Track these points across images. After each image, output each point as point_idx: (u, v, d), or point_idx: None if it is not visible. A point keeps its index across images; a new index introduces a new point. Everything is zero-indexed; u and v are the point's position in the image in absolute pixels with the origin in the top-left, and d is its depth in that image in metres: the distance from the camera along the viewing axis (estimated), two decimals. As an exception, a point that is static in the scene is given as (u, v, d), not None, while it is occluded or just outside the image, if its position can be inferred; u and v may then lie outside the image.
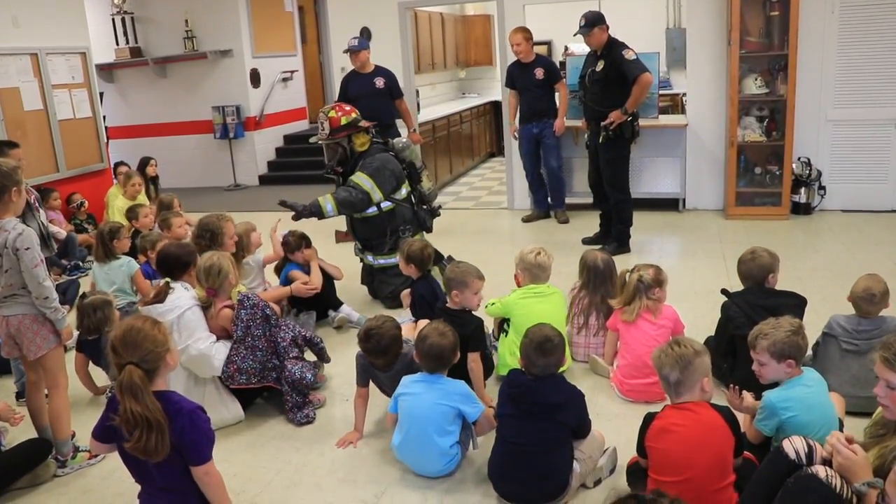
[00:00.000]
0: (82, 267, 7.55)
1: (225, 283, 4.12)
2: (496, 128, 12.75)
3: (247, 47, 11.87)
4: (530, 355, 3.17)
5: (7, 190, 3.45)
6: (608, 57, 6.41)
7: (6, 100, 7.88)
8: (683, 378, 2.85)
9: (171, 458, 2.67)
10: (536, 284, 4.41)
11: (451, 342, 3.50)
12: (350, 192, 5.54)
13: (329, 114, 5.65)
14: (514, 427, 3.16)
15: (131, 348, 2.64)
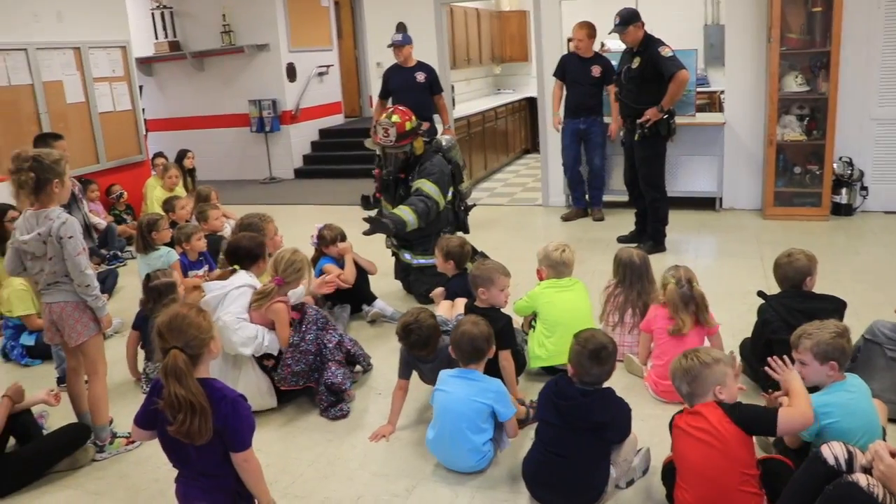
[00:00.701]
0: (121, 257, 7.67)
1: (295, 281, 4.20)
2: (531, 124, 12.69)
3: (283, 42, 11.95)
4: (584, 363, 3.10)
5: (49, 182, 3.52)
6: (644, 54, 6.35)
7: (50, 93, 8.01)
8: (693, 389, 2.88)
9: (212, 443, 2.72)
10: (558, 279, 4.42)
11: (484, 332, 3.50)
12: (426, 203, 5.52)
13: (393, 119, 5.55)
14: (554, 437, 3.12)
15: (176, 333, 2.69)
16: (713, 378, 2.86)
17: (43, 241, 3.53)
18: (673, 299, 3.98)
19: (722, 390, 2.85)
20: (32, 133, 7.07)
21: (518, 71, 13.99)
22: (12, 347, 5.28)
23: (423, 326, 3.73)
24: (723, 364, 2.90)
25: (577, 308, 4.30)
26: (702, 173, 7.96)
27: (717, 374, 2.87)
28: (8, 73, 7.59)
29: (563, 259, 4.41)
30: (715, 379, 2.86)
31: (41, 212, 3.54)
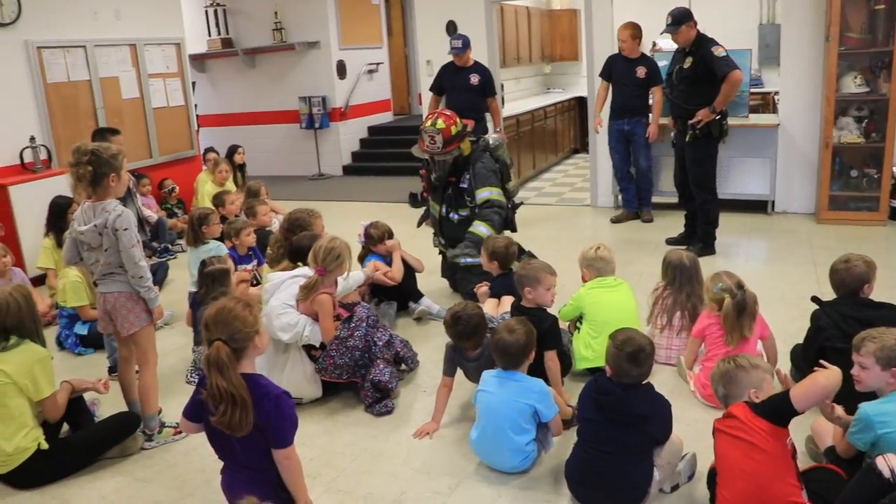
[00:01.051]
0: (171, 250, 7.81)
1: (337, 269, 4.21)
2: (580, 124, 12.61)
3: (334, 39, 12.04)
4: (622, 365, 3.08)
5: (105, 176, 3.60)
6: (697, 53, 6.26)
7: (106, 88, 8.18)
8: (728, 391, 2.93)
9: (255, 438, 2.75)
10: (602, 277, 4.40)
11: (519, 340, 3.46)
12: (500, 214, 5.58)
13: (438, 125, 5.48)
14: (597, 433, 3.11)
15: (221, 326, 2.73)
16: (748, 381, 2.87)
17: (99, 232, 3.60)
18: (729, 313, 3.90)
19: (757, 393, 2.84)
20: (90, 128, 7.23)
21: (568, 70, 13.90)
22: (67, 336, 5.41)
23: (472, 315, 3.77)
24: (761, 370, 2.91)
25: (623, 308, 4.27)
26: (754, 176, 7.83)
27: (754, 378, 2.87)
28: (68, 70, 7.77)
29: (598, 255, 4.42)
30: (750, 382, 2.87)
31: (98, 204, 3.62)
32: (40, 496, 3.57)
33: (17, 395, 3.53)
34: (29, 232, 6.80)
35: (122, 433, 3.86)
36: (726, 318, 3.90)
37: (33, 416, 3.62)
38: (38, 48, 7.41)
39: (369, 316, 4.32)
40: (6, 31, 7.13)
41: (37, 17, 7.39)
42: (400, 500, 3.35)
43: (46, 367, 3.65)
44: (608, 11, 8.28)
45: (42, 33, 7.46)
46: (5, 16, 7.10)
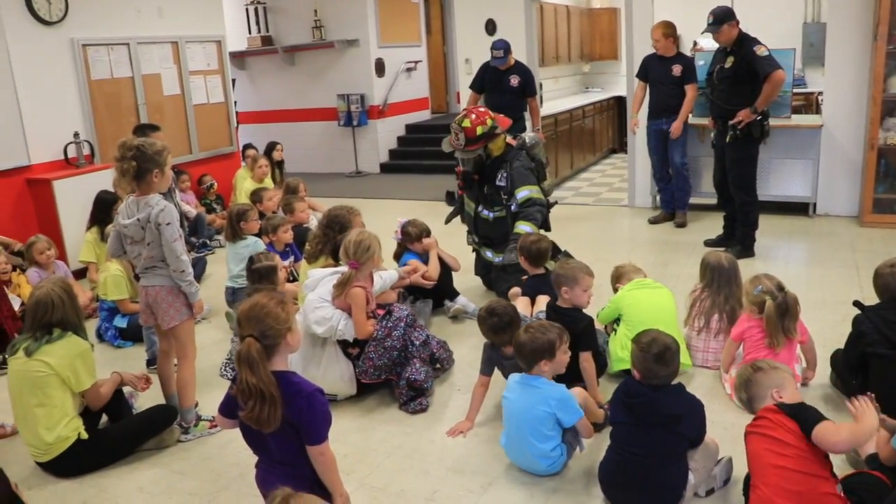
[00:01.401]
0: (209, 245, 7.90)
1: (369, 261, 4.21)
2: (619, 123, 12.53)
3: (373, 37, 12.08)
4: (650, 367, 3.04)
5: (149, 171, 3.66)
6: (738, 53, 6.16)
7: (148, 85, 8.29)
8: (751, 395, 2.94)
9: (288, 434, 2.76)
10: (641, 279, 4.39)
11: (541, 343, 3.41)
12: (541, 212, 5.55)
13: (463, 124, 5.46)
14: (629, 436, 3.08)
15: (254, 322, 2.74)
16: (769, 382, 2.87)
17: (142, 226, 3.66)
18: (771, 315, 3.84)
19: (781, 393, 2.84)
20: (131, 124, 7.34)
21: (607, 69, 13.81)
22: (106, 329, 5.50)
23: (506, 308, 3.79)
24: (782, 371, 2.92)
25: (662, 310, 4.23)
26: (795, 177, 7.71)
27: (774, 379, 2.88)
28: (111, 67, 7.89)
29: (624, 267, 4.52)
30: (771, 383, 2.87)
31: (141, 198, 3.68)
32: (79, 485, 3.63)
33: (59, 387, 3.60)
34: (71, 226, 6.93)
35: (160, 425, 3.92)
36: (769, 320, 3.85)
37: (74, 407, 3.69)
38: (83, 46, 7.54)
39: (408, 315, 4.35)
40: (53, 30, 7.26)
41: (82, 16, 7.51)
42: (432, 497, 3.35)
43: (88, 359, 3.72)
44: (648, 10, 8.21)
45: (87, 31, 7.59)
46: (53, 14, 7.23)
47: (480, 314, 3.86)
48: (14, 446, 4.00)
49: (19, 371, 3.62)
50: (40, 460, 3.66)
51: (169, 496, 3.50)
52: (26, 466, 3.74)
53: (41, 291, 3.68)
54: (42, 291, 3.68)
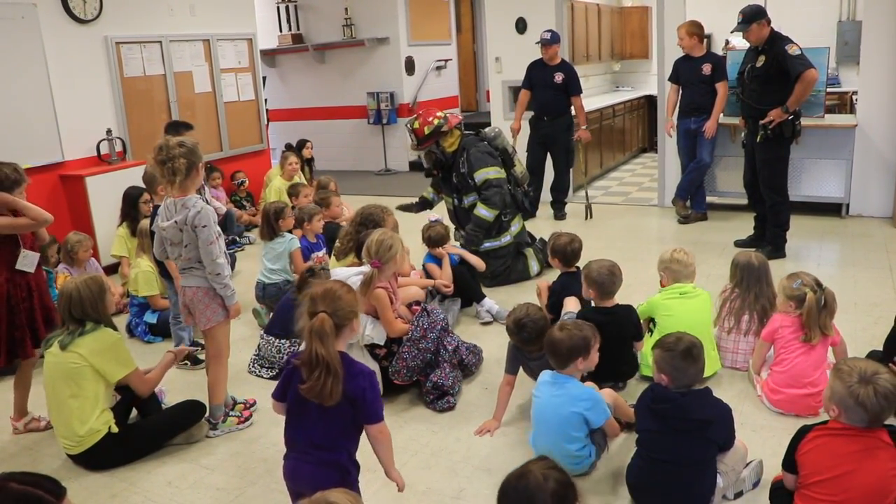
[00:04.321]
0: (239, 242, 7.96)
1: (391, 261, 4.22)
2: (649, 123, 12.43)
3: (403, 35, 12.10)
4: (678, 365, 3.02)
5: (195, 166, 3.71)
6: (769, 52, 6.08)
7: (180, 82, 8.38)
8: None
9: (342, 412, 2.81)
10: (681, 284, 4.29)
11: (578, 341, 3.39)
12: (499, 193, 5.90)
13: (413, 125, 6.00)
14: (657, 443, 3.05)
15: (329, 301, 2.84)
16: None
17: (179, 228, 3.69)
18: (812, 308, 3.79)
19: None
20: (163, 121, 7.41)
21: (638, 68, 13.71)
22: (137, 324, 5.56)
23: (535, 320, 3.77)
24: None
25: (697, 321, 4.12)
26: (828, 178, 7.60)
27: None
28: (144, 64, 7.98)
29: (674, 258, 4.32)
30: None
31: (179, 200, 3.70)
32: (109, 478, 3.68)
33: (92, 378, 3.66)
34: (103, 221, 7.02)
35: (189, 421, 3.97)
36: (809, 313, 3.79)
37: (106, 400, 3.76)
38: (116, 43, 7.63)
39: (444, 319, 4.36)
40: (88, 28, 7.36)
41: (116, 14, 7.60)
42: (459, 496, 3.35)
43: (120, 349, 3.79)
44: (680, 9, 8.14)
45: (120, 29, 7.68)
46: (87, 13, 7.33)
47: (509, 327, 3.85)
48: (47, 440, 4.07)
49: (54, 364, 3.69)
50: (72, 452, 3.72)
51: (197, 491, 3.54)
52: (59, 459, 3.81)
53: (70, 286, 3.75)
54: (71, 286, 3.75)
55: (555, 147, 8.26)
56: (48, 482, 2.24)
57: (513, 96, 9.11)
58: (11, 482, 2.16)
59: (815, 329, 3.79)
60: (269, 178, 8.80)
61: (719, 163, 7.95)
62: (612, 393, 3.64)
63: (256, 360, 4.86)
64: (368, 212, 5.22)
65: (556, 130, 8.15)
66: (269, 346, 4.77)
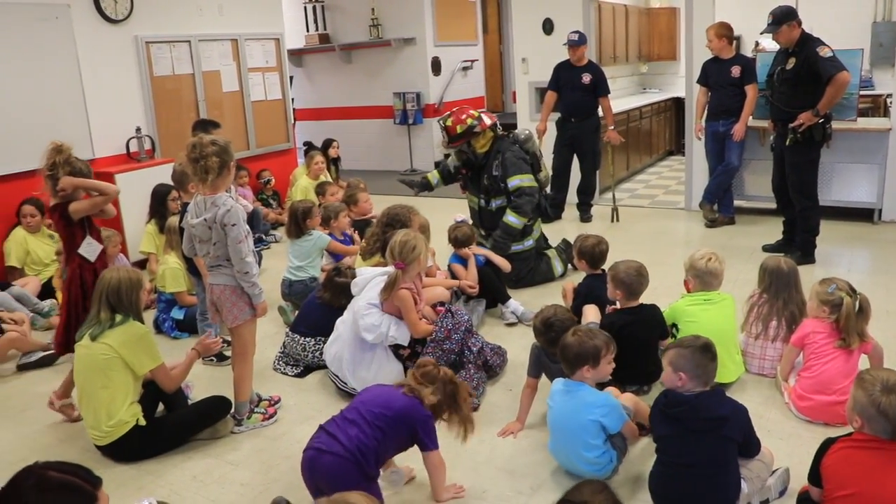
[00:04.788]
0: (265, 240, 8.00)
1: (415, 262, 4.23)
2: (677, 125, 12.35)
3: (429, 36, 12.11)
4: (700, 362, 3.01)
5: (227, 165, 3.73)
6: (800, 54, 6.01)
7: (208, 82, 8.45)
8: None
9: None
10: (707, 292, 4.23)
11: (587, 349, 3.36)
12: (530, 202, 5.87)
13: (446, 123, 5.97)
14: (676, 447, 3.02)
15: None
16: None
17: (208, 226, 3.72)
18: (850, 312, 3.74)
19: None
20: (191, 119, 7.47)
21: (665, 70, 13.62)
22: (164, 320, 5.61)
23: (563, 321, 3.76)
24: None
25: (721, 329, 4.06)
26: (860, 182, 7.49)
27: None
28: (173, 64, 8.06)
29: (709, 268, 4.21)
30: None
31: (210, 198, 3.73)
32: (136, 470, 3.72)
33: (121, 369, 3.71)
34: (132, 218, 7.09)
35: (214, 416, 4.00)
36: (847, 317, 3.74)
37: (135, 392, 3.80)
38: (146, 43, 7.71)
39: (468, 320, 4.35)
40: (118, 28, 7.45)
41: (146, 14, 7.69)
42: (482, 497, 3.35)
43: (148, 342, 3.83)
44: (709, 10, 8.07)
45: (151, 29, 7.76)
46: (118, 13, 7.41)
47: (536, 327, 3.85)
48: (78, 434, 4.12)
49: (85, 355, 3.74)
50: (100, 443, 3.77)
51: (221, 486, 3.57)
52: (88, 452, 3.84)
53: (110, 274, 3.81)
54: (112, 274, 3.81)
55: (582, 149, 8.23)
56: (83, 471, 2.27)
57: (539, 97, 9.09)
58: (50, 471, 2.19)
59: (852, 334, 3.74)
60: (295, 176, 8.84)
61: (748, 166, 7.87)
62: (632, 397, 3.63)
63: (281, 357, 4.89)
64: (394, 212, 5.23)
65: (583, 132, 8.12)
66: (295, 343, 4.79)
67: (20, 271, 6.42)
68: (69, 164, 4.24)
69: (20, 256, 6.43)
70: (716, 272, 4.22)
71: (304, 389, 4.56)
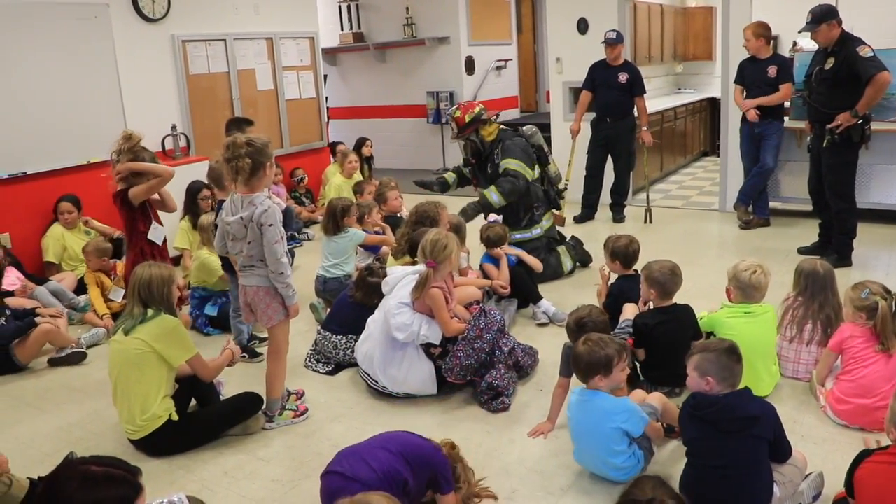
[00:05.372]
0: (297, 238, 8.05)
1: (446, 261, 4.22)
2: (712, 126, 12.22)
3: (463, 35, 12.10)
4: (726, 364, 2.98)
5: (262, 166, 3.73)
6: (839, 54, 5.90)
7: (243, 80, 8.52)
8: None
9: None
10: (748, 304, 4.11)
11: (598, 358, 3.33)
12: (512, 182, 5.96)
13: (454, 114, 6.19)
14: (707, 449, 2.99)
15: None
16: None
17: (244, 224, 3.73)
18: (886, 316, 3.68)
19: None
20: (226, 117, 7.53)
21: (701, 70, 13.49)
22: (196, 316, 5.66)
23: (596, 321, 3.77)
24: None
25: (761, 342, 4.01)
26: (899, 184, 7.36)
27: None
28: (208, 62, 8.14)
29: (752, 281, 4.08)
30: None
31: (247, 196, 3.74)
32: (168, 465, 3.76)
33: (155, 363, 3.75)
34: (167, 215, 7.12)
35: (246, 413, 4.03)
36: (884, 321, 3.68)
37: (168, 387, 3.84)
38: (182, 41, 7.80)
39: (500, 320, 4.35)
40: (156, 27, 7.55)
41: (183, 13, 7.78)
42: (511, 497, 3.34)
43: (180, 334, 3.87)
44: (746, 9, 7.98)
45: (187, 27, 7.85)
46: (156, 12, 7.51)
47: (569, 326, 3.86)
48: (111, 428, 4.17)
49: (118, 350, 3.79)
50: (133, 437, 3.82)
51: (252, 481, 3.59)
52: (120, 444, 3.90)
53: (143, 270, 3.86)
54: (144, 270, 3.85)
55: (617, 149, 8.19)
56: (122, 463, 2.29)
57: (573, 97, 9.05)
58: (91, 465, 2.22)
59: (891, 338, 3.68)
60: (328, 175, 8.89)
61: (783, 167, 7.76)
62: (660, 397, 3.60)
63: (313, 354, 4.92)
64: (423, 209, 5.25)
65: (618, 132, 8.08)
66: (326, 341, 4.82)
67: (57, 267, 6.54)
68: (132, 152, 4.37)
69: (57, 252, 6.54)
70: (759, 285, 4.11)
71: (335, 387, 4.59)
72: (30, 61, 6.57)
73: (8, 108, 6.44)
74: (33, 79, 6.59)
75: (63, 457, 3.54)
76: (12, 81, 6.45)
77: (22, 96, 6.52)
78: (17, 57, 6.47)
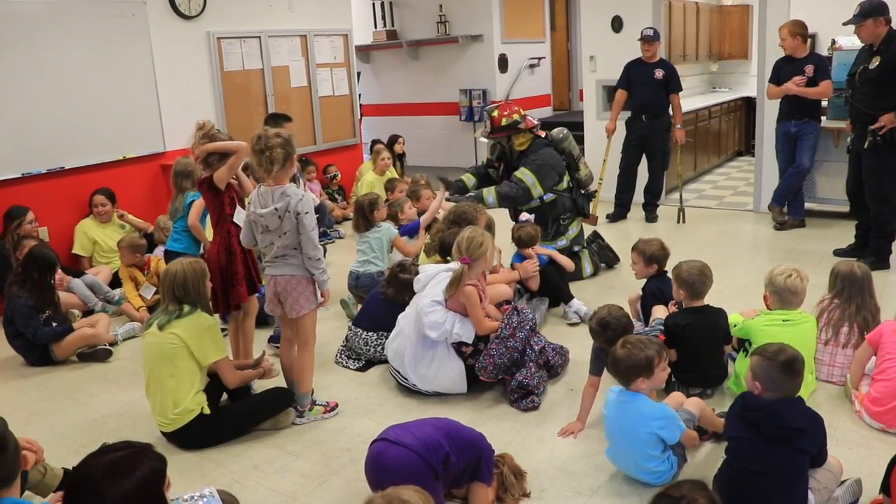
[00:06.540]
0: (330, 234, 8.09)
1: (481, 258, 4.22)
2: (747, 125, 12.08)
3: (497, 33, 12.07)
4: (775, 377, 2.92)
5: (290, 157, 3.80)
6: (886, 53, 5.78)
7: (277, 77, 8.58)
8: None
9: None
10: (786, 310, 3.99)
11: (638, 360, 3.29)
12: (511, 188, 5.85)
13: (492, 113, 6.04)
14: (748, 451, 2.94)
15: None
16: None
17: (279, 215, 3.77)
18: None
19: None
20: (260, 114, 7.62)
21: (736, 69, 13.34)
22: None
23: (619, 318, 3.76)
24: None
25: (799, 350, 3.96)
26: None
27: None
28: (243, 59, 8.21)
29: (788, 286, 3.96)
30: None
31: (277, 188, 3.78)
32: (199, 458, 3.80)
33: (187, 358, 3.80)
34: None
35: (276, 407, 4.07)
36: None
37: (200, 381, 3.88)
38: (217, 38, 7.87)
39: (532, 319, 4.35)
40: (191, 24, 7.62)
41: (218, 10, 7.85)
42: (540, 496, 3.33)
43: (214, 333, 3.91)
44: (784, 7, 7.87)
45: (222, 25, 7.92)
46: (192, 9, 7.59)
47: (593, 328, 3.83)
48: (144, 419, 4.22)
49: (153, 343, 3.84)
50: (165, 430, 3.86)
51: (282, 476, 3.62)
52: (153, 436, 3.94)
53: (175, 266, 3.89)
54: (176, 266, 3.89)
55: (652, 148, 8.13)
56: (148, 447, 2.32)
57: (606, 95, 8.99)
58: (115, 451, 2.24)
59: None
60: (361, 172, 8.93)
61: (820, 168, 7.65)
62: (698, 402, 3.55)
63: (344, 350, 4.94)
64: (462, 209, 5.25)
65: (654, 131, 8.02)
66: (357, 338, 4.84)
67: (88, 260, 6.63)
68: (208, 136, 4.42)
69: (85, 245, 6.64)
70: (796, 290, 3.97)
71: (366, 383, 4.61)
72: (68, 58, 6.67)
73: (45, 103, 6.54)
74: (71, 75, 6.70)
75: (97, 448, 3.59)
76: (50, 78, 6.56)
77: (59, 92, 6.63)
78: (55, 54, 6.58)
